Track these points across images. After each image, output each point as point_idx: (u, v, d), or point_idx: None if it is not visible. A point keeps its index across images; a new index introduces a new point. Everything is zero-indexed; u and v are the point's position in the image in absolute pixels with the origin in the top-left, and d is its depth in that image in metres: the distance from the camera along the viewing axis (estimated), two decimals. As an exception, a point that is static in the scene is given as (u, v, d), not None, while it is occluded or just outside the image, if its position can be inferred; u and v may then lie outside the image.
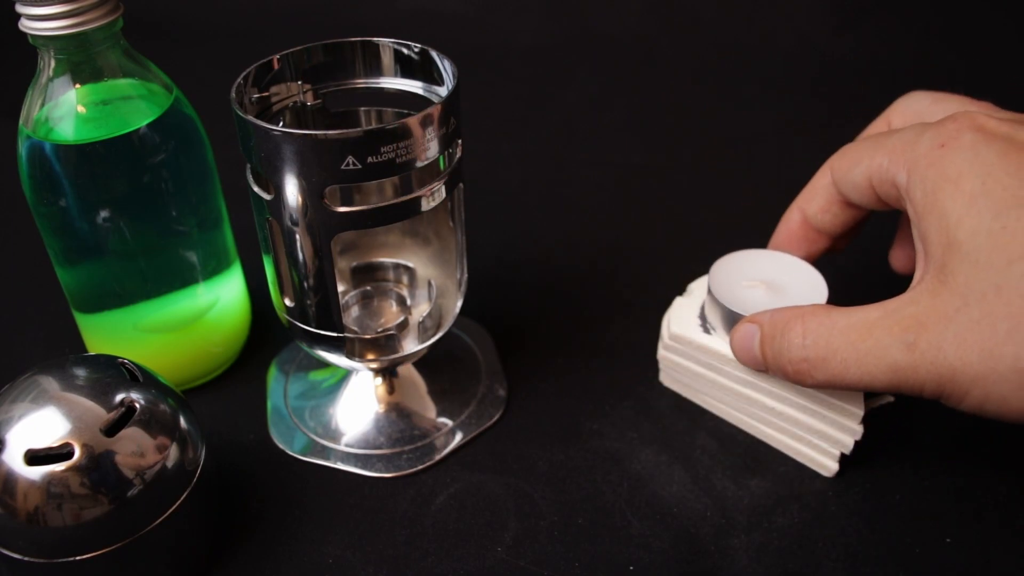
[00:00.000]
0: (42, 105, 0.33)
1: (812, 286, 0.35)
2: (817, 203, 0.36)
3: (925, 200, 0.27)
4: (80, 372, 0.30)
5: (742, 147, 0.63)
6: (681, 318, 0.38)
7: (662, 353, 0.39)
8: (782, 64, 0.75)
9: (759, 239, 0.41)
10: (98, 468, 0.27)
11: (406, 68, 0.35)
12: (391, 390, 0.39)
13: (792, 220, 0.37)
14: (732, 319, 0.35)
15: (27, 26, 0.31)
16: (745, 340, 0.32)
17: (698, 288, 0.39)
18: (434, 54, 0.33)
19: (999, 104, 0.32)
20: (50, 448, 0.27)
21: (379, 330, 0.36)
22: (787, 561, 0.32)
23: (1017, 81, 0.70)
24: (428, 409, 0.39)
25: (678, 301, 0.39)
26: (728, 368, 0.36)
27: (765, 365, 0.32)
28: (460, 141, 0.33)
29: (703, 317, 0.37)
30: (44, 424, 0.28)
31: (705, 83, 0.74)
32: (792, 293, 0.35)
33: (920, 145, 0.28)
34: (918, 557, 0.32)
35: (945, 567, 0.32)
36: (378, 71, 0.35)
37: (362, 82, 0.36)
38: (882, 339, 0.27)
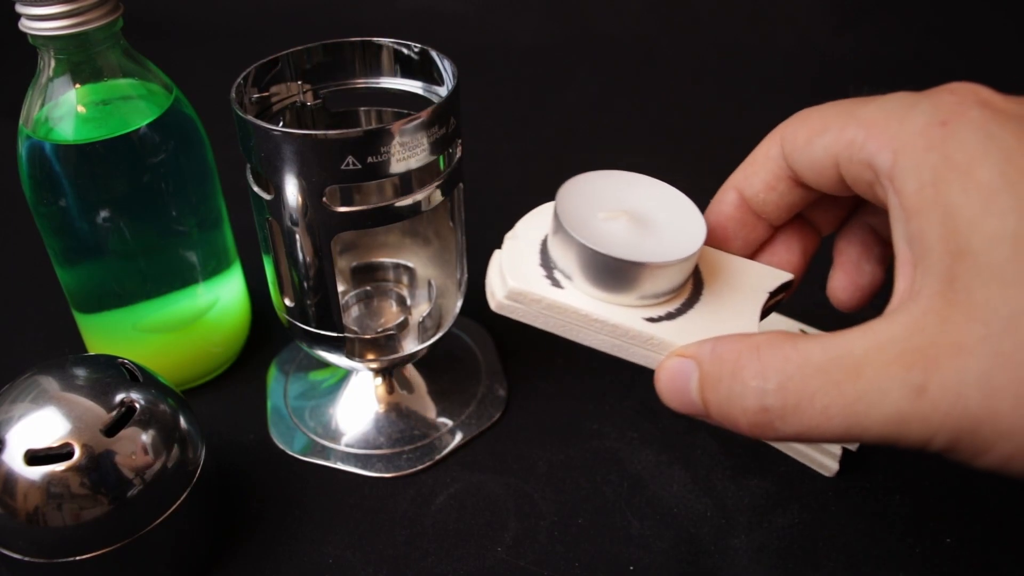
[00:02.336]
0: (42, 105, 0.33)
1: (686, 219, 0.27)
2: (761, 179, 0.28)
3: (922, 192, 0.21)
4: (80, 372, 0.30)
5: (742, 147, 0.63)
6: (518, 267, 0.27)
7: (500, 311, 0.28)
8: (782, 64, 0.75)
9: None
10: (98, 468, 0.27)
11: (406, 68, 0.35)
12: (391, 390, 0.39)
13: (726, 201, 0.29)
14: (594, 263, 0.26)
15: (27, 26, 0.31)
16: (677, 381, 0.25)
17: (528, 228, 0.29)
18: (434, 54, 0.33)
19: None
20: (50, 448, 0.27)
21: (379, 330, 0.36)
22: (787, 561, 0.32)
23: (1017, 81, 0.70)
24: (428, 409, 0.39)
25: (508, 245, 0.28)
26: (603, 336, 0.27)
27: (707, 413, 0.24)
28: (460, 141, 0.33)
29: (547, 264, 0.28)
30: (44, 424, 0.28)
31: (705, 83, 0.74)
32: (663, 228, 0.27)
33: (912, 120, 0.22)
34: (918, 557, 0.32)
35: (945, 567, 0.32)
36: (378, 71, 0.35)
37: (362, 82, 0.36)
38: (878, 380, 0.21)
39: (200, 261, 0.38)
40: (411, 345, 0.36)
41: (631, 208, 0.28)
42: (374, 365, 0.36)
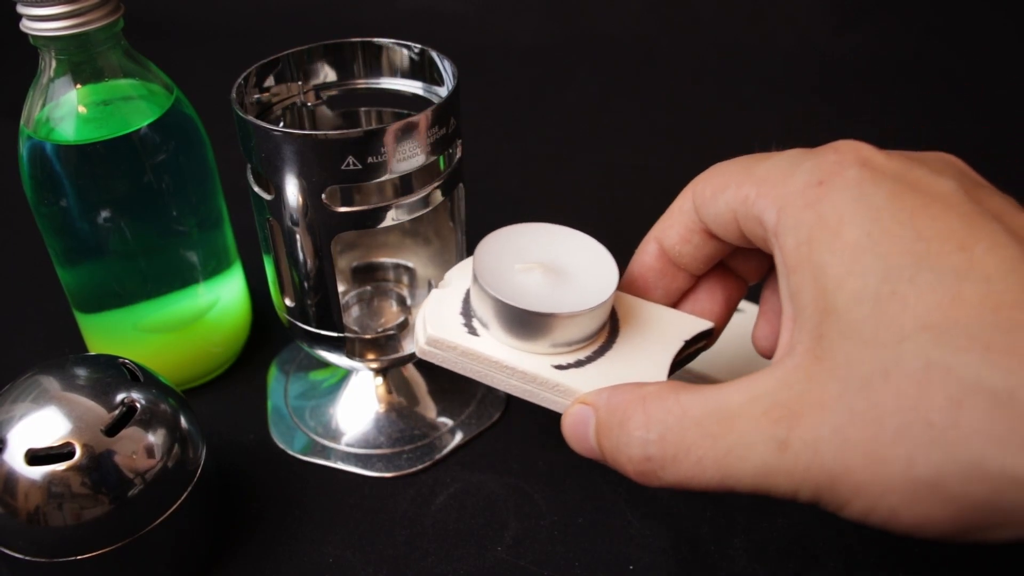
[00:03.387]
0: (43, 105, 0.33)
1: (600, 269, 0.29)
2: (676, 231, 0.29)
3: (798, 250, 0.22)
4: (81, 372, 0.30)
5: (742, 147, 0.63)
6: (440, 315, 0.29)
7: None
8: (782, 64, 0.75)
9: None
10: (99, 468, 0.27)
11: (406, 68, 0.35)
12: (391, 390, 0.39)
13: (648, 252, 0.30)
14: (511, 317, 0.27)
15: (28, 27, 0.31)
16: (578, 427, 0.26)
17: (456, 276, 0.31)
18: (434, 54, 0.33)
19: (1001, 103, 0.32)
20: (51, 448, 0.27)
21: (379, 330, 0.36)
22: (787, 561, 0.32)
23: (1017, 81, 0.70)
24: (428, 409, 0.39)
25: (435, 294, 0.30)
26: (514, 381, 0.28)
27: (603, 459, 0.25)
28: (460, 141, 0.33)
29: (467, 313, 0.29)
30: (45, 424, 0.28)
31: (705, 83, 0.74)
32: (576, 279, 0.28)
33: (795, 179, 0.23)
34: (918, 557, 0.32)
35: (944, 567, 0.32)
36: (378, 71, 0.35)
37: (362, 82, 0.36)
38: (747, 433, 0.21)
39: (201, 261, 0.38)
40: (411, 345, 0.36)
41: (547, 260, 0.29)
42: (374, 365, 0.36)
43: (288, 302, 0.34)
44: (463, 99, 0.32)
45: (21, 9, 0.31)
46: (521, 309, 0.27)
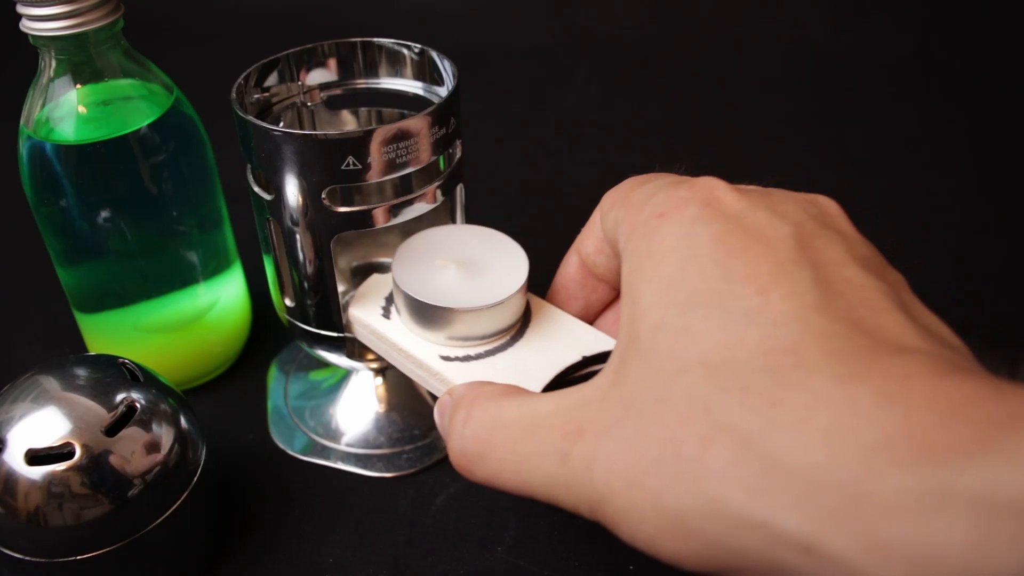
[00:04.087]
0: (43, 105, 0.33)
1: (513, 275, 0.30)
2: (591, 242, 0.29)
3: (629, 277, 0.23)
4: (81, 372, 0.30)
5: (742, 147, 0.63)
6: (367, 298, 0.32)
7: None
8: (781, 64, 0.75)
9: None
10: (99, 468, 0.27)
11: (406, 68, 0.35)
12: (391, 390, 0.39)
13: (570, 263, 0.31)
14: (411, 305, 0.29)
15: (28, 27, 0.31)
16: (438, 416, 0.27)
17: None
18: (434, 54, 0.33)
19: (1001, 102, 0.32)
20: (51, 448, 0.27)
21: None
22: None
23: (1018, 81, 0.70)
24: (428, 409, 0.39)
25: (375, 278, 0.33)
26: (410, 366, 0.30)
27: None
28: (460, 141, 0.33)
29: (391, 299, 0.32)
30: (45, 424, 0.28)
31: (705, 83, 0.74)
32: (487, 274, 0.30)
33: (647, 207, 0.23)
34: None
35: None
36: (378, 71, 0.35)
37: (362, 82, 0.36)
38: (543, 443, 0.22)
39: (201, 261, 0.38)
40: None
41: (467, 259, 0.31)
42: (374, 365, 0.36)
43: (288, 302, 0.34)
44: (463, 99, 0.32)
45: (21, 9, 0.31)
46: (418, 300, 0.29)
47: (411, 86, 0.35)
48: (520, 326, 0.30)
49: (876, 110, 0.68)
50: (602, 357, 0.29)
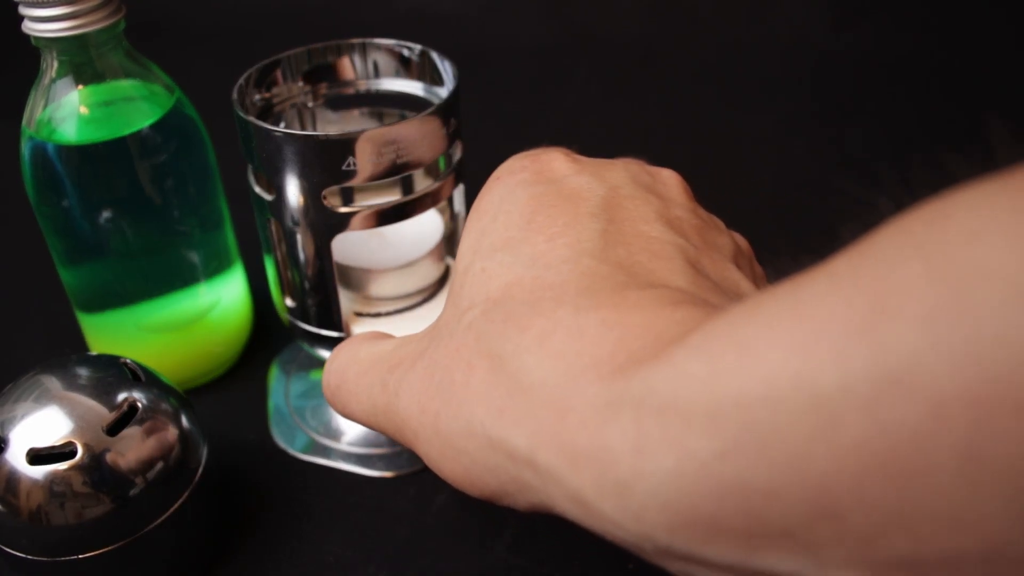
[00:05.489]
0: (45, 106, 0.33)
1: (427, 233, 0.33)
2: None
3: (464, 228, 0.25)
4: (82, 371, 0.30)
5: (742, 147, 0.63)
6: None
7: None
8: (781, 64, 0.75)
9: (758, 238, 0.41)
10: (100, 467, 0.27)
11: (406, 69, 0.35)
12: (392, 390, 0.39)
13: None
14: (339, 269, 0.32)
15: (29, 28, 0.31)
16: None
17: None
18: (434, 55, 0.33)
19: (1000, 102, 0.31)
20: (52, 447, 0.27)
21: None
22: (786, 560, 0.33)
23: (1018, 81, 0.70)
24: (429, 408, 0.39)
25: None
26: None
27: None
28: (460, 142, 0.33)
29: None
30: (46, 423, 0.28)
31: (705, 83, 0.74)
32: (404, 241, 0.33)
33: (503, 168, 0.25)
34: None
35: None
36: (378, 72, 0.35)
37: (363, 83, 0.36)
38: (375, 375, 0.23)
39: (202, 261, 0.38)
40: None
41: (396, 230, 0.33)
42: (375, 365, 0.36)
43: (289, 302, 0.34)
44: (463, 99, 0.32)
45: (23, 10, 0.31)
46: (340, 263, 0.32)
47: (411, 87, 0.35)
48: (436, 290, 0.33)
49: (876, 110, 0.68)
50: None
